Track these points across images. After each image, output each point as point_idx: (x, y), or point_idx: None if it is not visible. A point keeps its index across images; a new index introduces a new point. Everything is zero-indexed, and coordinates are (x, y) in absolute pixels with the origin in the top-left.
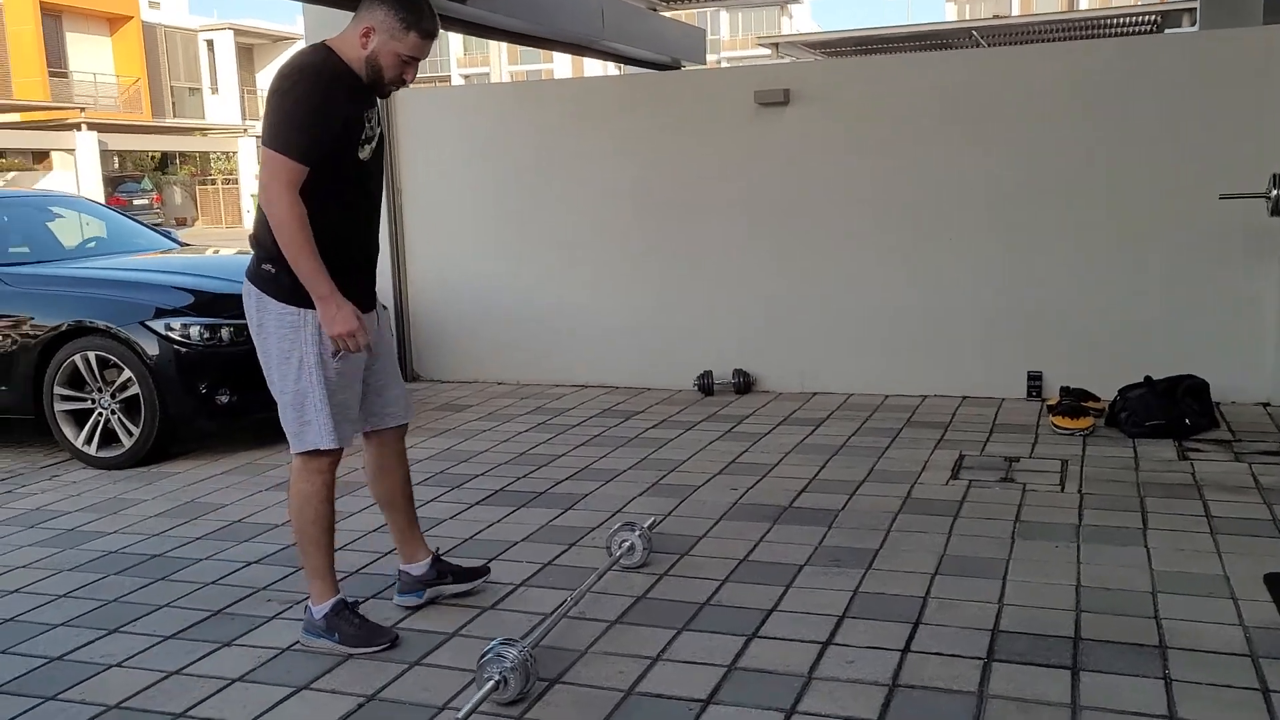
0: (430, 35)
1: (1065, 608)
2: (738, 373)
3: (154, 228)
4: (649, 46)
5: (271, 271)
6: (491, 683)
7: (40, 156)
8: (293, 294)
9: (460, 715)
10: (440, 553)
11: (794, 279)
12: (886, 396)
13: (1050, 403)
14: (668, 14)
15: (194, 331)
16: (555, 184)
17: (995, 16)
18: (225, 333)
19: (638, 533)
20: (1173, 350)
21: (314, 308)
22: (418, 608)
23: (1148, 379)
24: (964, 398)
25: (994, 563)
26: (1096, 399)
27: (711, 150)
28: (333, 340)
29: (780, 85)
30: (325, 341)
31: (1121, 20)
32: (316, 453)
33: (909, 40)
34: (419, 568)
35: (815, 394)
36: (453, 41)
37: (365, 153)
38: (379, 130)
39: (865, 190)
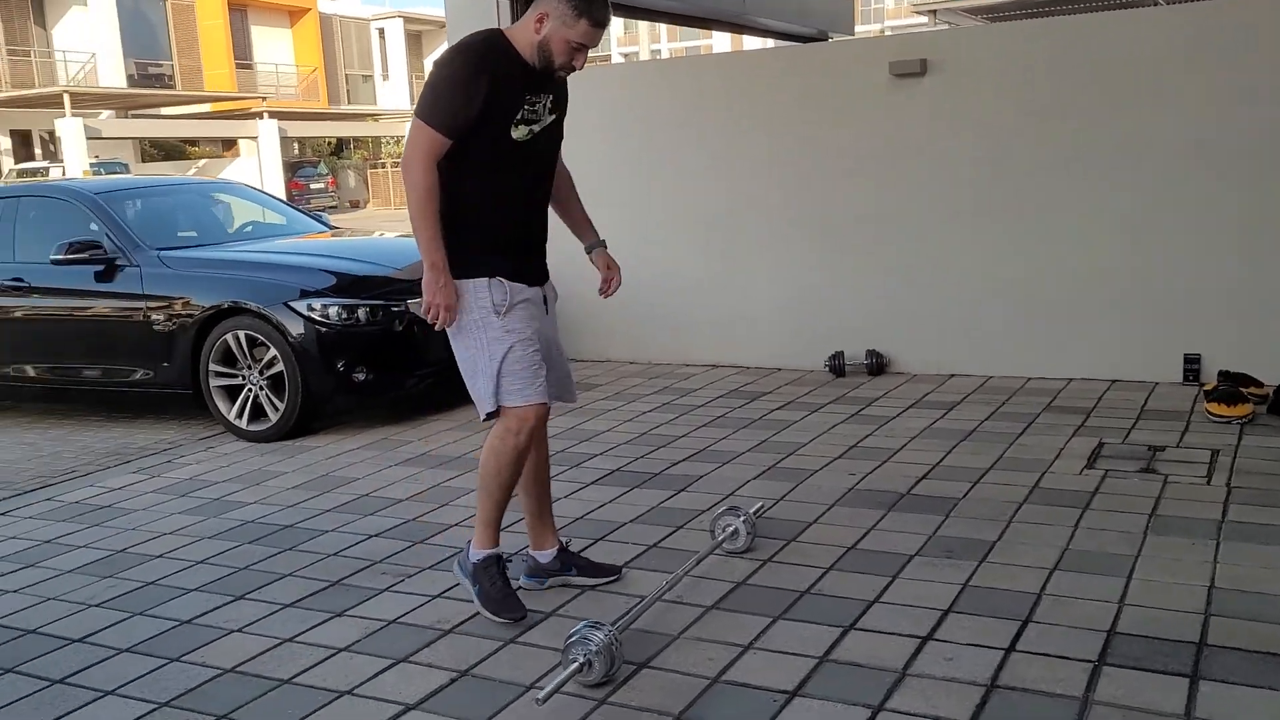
0: (601, 24)
1: (1193, 610)
2: (871, 353)
3: (307, 212)
4: (794, 19)
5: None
6: (576, 665)
7: (228, 144)
8: (454, 263)
9: (541, 696)
10: (569, 544)
11: (932, 255)
12: (1028, 379)
13: (1207, 388)
14: None
15: (333, 312)
16: (689, 161)
17: None
18: (362, 313)
19: (742, 518)
20: None
21: (476, 275)
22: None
23: None
24: (1113, 381)
25: (1120, 559)
26: (1259, 384)
27: (848, 123)
28: (425, 305)
29: (916, 55)
30: (487, 304)
31: None
32: (514, 413)
33: (1082, 0)
34: (545, 555)
35: (952, 376)
36: (614, 21)
37: (520, 133)
38: (550, 117)
39: (1007, 161)
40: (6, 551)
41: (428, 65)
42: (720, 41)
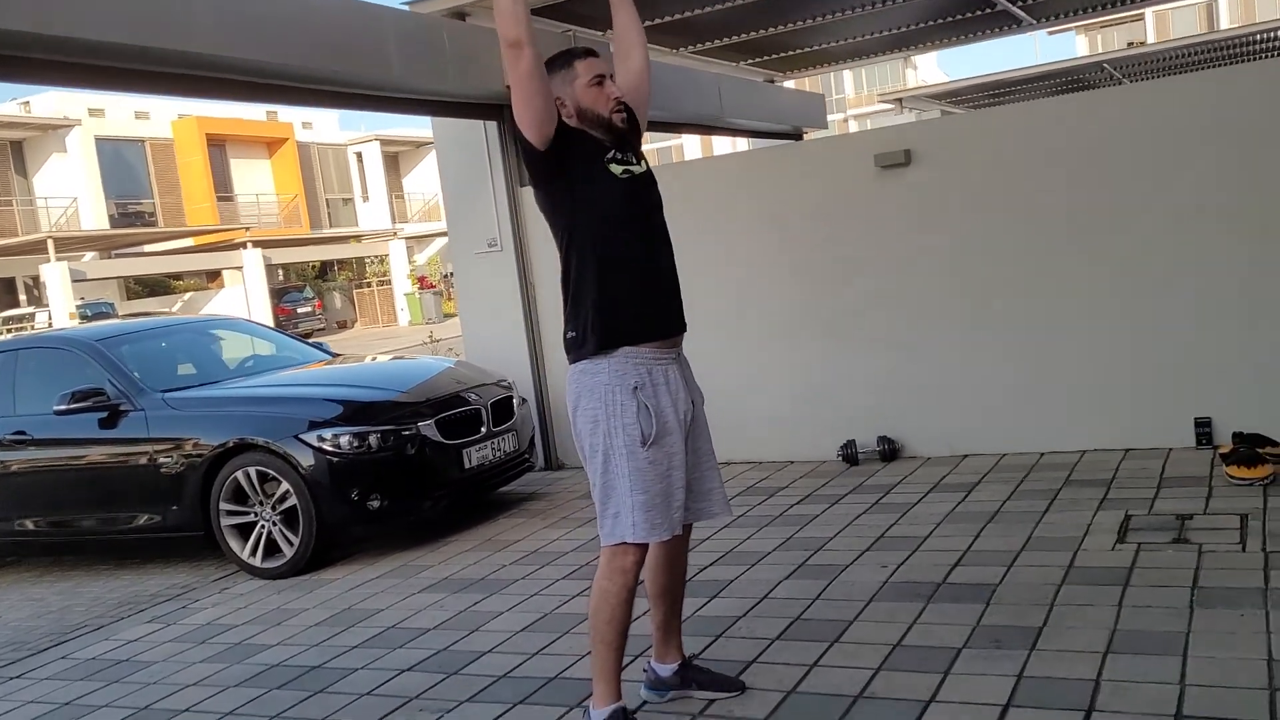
0: (587, 53)
1: (1257, 686)
2: (882, 439)
3: (305, 340)
4: (769, 118)
5: (571, 335)
6: None
7: (213, 276)
8: (585, 347)
9: None
10: (694, 657)
11: (935, 338)
12: (1042, 454)
13: (1223, 451)
14: (787, 83)
15: (344, 441)
16: (687, 262)
17: (1130, 45)
18: (373, 440)
19: None
20: None
21: (621, 386)
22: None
23: None
24: (1126, 450)
25: (1172, 637)
26: (1275, 444)
27: (838, 216)
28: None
29: (900, 146)
30: (634, 429)
31: (1269, 37)
32: (622, 548)
33: (1038, 81)
34: (666, 669)
35: (965, 456)
36: None
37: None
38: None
39: (999, 242)
40: (27, 717)
41: (406, 184)
42: (690, 143)
